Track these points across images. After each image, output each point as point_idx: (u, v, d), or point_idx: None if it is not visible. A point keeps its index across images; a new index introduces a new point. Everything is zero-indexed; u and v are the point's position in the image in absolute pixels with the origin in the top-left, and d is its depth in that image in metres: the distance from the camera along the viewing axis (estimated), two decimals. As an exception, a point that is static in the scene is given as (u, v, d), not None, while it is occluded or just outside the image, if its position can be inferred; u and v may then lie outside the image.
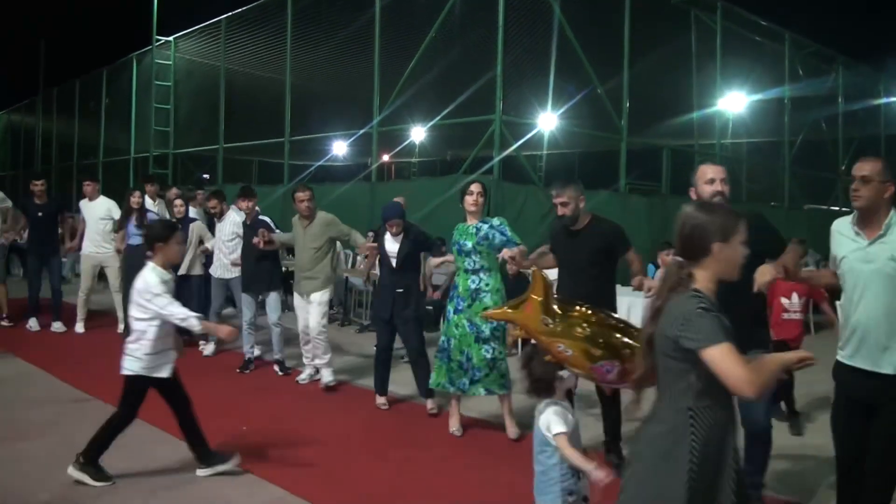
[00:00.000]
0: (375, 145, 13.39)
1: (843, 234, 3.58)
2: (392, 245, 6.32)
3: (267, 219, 7.71)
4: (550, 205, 5.68)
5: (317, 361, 7.10)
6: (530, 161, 16.35)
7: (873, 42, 22.04)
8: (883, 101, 20.42)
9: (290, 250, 8.95)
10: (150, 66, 18.88)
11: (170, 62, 18.74)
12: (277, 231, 7.61)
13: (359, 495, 4.50)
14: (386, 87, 12.91)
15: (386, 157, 24.63)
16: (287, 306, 9.58)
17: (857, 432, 3.42)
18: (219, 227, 8.18)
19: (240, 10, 15.71)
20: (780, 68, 16.74)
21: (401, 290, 6.26)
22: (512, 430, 5.58)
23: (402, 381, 6.86)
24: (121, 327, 9.13)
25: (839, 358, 3.53)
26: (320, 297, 6.96)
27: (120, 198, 9.50)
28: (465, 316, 5.51)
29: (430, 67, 13.27)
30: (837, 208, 17.85)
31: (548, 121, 16.67)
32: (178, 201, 8.79)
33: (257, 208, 7.85)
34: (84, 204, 9.57)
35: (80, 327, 9.47)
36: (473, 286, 5.52)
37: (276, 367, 7.70)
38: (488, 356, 5.45)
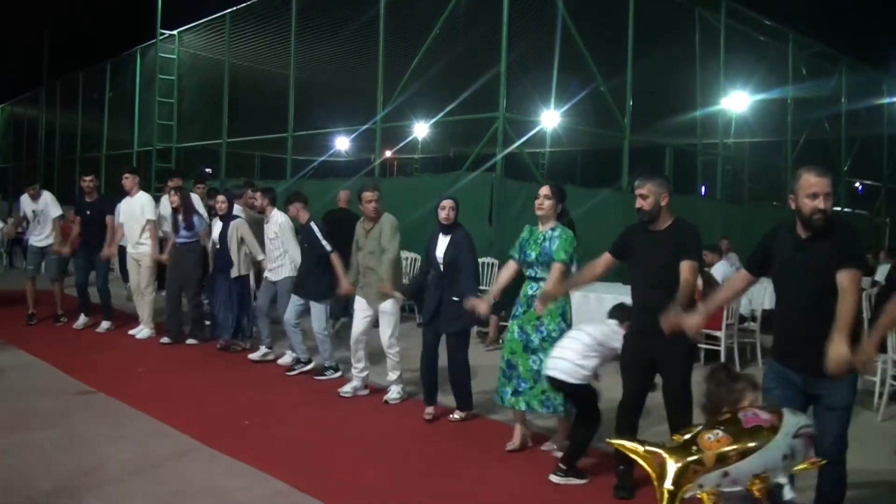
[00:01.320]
0: (378, 141, 13.41)
1: None
2: (441, 245, 5.93)
3: (314, 227, 7.26)
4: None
5: (391, 376, 6.51)
6: (533, 158, 16.34)
7: (877, 42, 22.06)
8: (886, 100, 20.40)
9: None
10: (153, 59, 18.90)
11: (174, 56, 18.76)
12: (324, 241, 7.12)
13: (359, 489, 4.52)
14: (389, 82, 12.93)
15: (389, 153, 24.62)
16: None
17: None
18: (265, 227, 7.89)
19: (244, 4, 15.72)
20: (783, 68, 16.74)
21: (456, 300, 5.74)
22: (513, 442, 5.27)
23: (410, 379, 6.83)
24: (145, 331, 8.86)
25: None
26: (392, 307, 6.39)
27: (122, 191, 9.29)
28: (518, 323, 5.17)
29: (434, 64, 13.28)
30: (839, 208, 17.85)
31: (551, 118, 16.69)
32: (221, 197, 8.35)
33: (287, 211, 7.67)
34: (126, 201, 8.97)
35: (146, 333, 8.90)
36: (531, 292, 5.15)
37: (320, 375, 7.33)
38: (535, 367, 5.05)
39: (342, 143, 25.71)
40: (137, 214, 8.74)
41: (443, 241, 5.92)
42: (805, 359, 3.50)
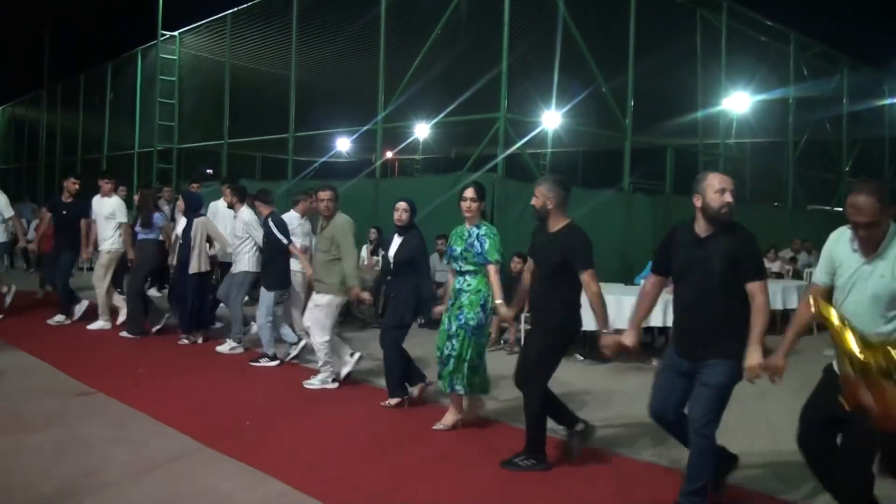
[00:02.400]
0: (380, 142, 13.41)
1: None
2: (394, 245, 6.33)
3: (284, 219, 8.03)
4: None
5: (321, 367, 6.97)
6: (534, 159, 16.34)
7: (878, 43, 22.06)
8: (887, 101, 20.40)
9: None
10: (154, 60, 18.93)
11: (175, 57, 18.78)
12: (279, 235, 7.81)
13: (359, 491, 4.50)
14: (391, 83, 12.93)
15: (390, 154, 24.64)
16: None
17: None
18: (233, 221, 8.45)
19: (245, 5, 15.73)
20: (784, 68, 16.75)
21: (393, 295, 6.38)
22: (443, 422, 5.72)
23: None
24: (99, 323, 9.31)
25: None
26: (328, 301, 6.74)
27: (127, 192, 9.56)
28: (447, 314, 5.60)
29: (435, 64, 13.28)
30: (841, 209, 17.82)
31: (552, 119, 16.69)
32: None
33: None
34: (95, 200, 9.53)
35: (121, 317, 9.44)
36: (458, 286, 5.58)
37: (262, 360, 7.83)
38: (448, 352, 5.54)
39: (343, 144, 25.72)
40: (107, 215, 9.29)
41: (396, 242, 6.30)
42: (692, 346, 4.02)
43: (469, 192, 5.58)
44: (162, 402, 6.16)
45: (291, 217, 8.39)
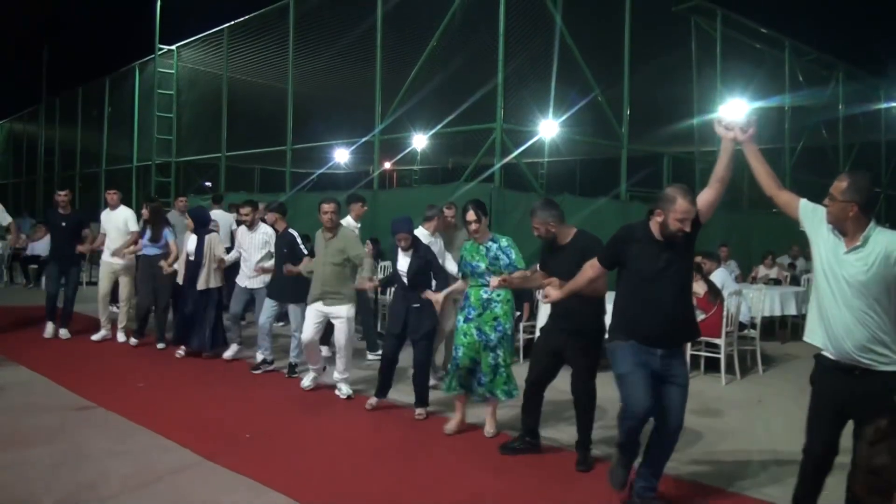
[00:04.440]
0: (377, 154, 13.44)
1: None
2: (403, 262, 6.42)
3: (294, 233, 7.87)
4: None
5: (336, 376, 7.04)
6: (532, 168, 16.38)
7: (873, 48, 22.13)
8: (883, 105, 20.46)
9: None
10: (152, 74, 18.98)
11: (172, 71, 18.83)
12: (301, 247, 7.75)
13: (361, 502, 4.51)
14: (388, 94, 12.97)
15: (388, 165, 24.65)
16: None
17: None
18: (250, 236, 8.33)
19: (242, 18, 15.79)
20: (780, 75, 16.80)
21: (417, 306, 6.36)
22: (490, 429, 5.85)
23: (408, 390, 6.85)
24: (121, 336, 9.40)
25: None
26: (347, 312, 6.85)
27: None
28: (475, 325, 5.69)
29: (432, 75, 13.32)
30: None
31: (549, 128, 16.72)
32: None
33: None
34: (105, 213, 9.57)
35: (102, 335, 9.46)
36: (485, 296, 5.69)
37: (285, 371, 7.91)
38: (493, 363, 5.66)
39: (341, 156, 25.75)
40: (121, 226, 9.32)
41: (403, 256, 6.44)
42: (676, 339, 4.32)
43: (470, 216, 5.72)
44: (161, 415, 6.17)
45: (421, 234, 7.71)
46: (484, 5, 11.32)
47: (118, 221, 9.37)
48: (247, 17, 15.71)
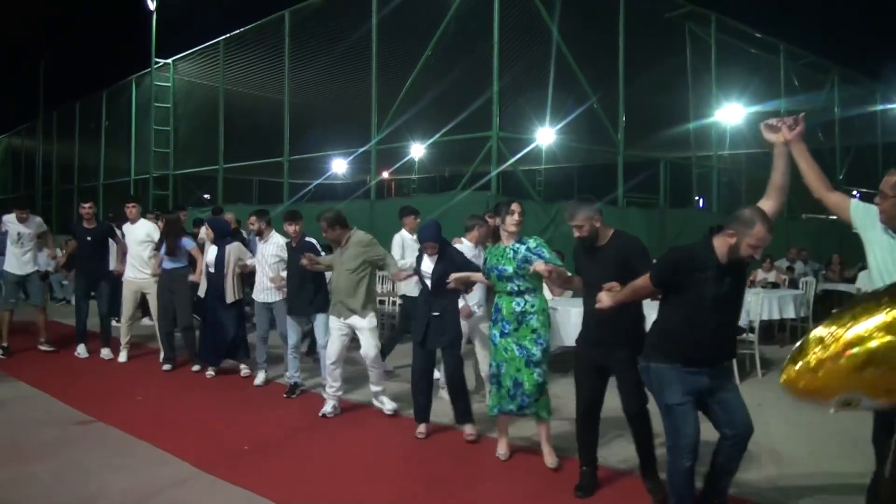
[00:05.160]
0: (374, 163, 13.47)
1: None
2: (428, 265, 6.03)
3: (313, 240, 7.47)
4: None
5: (372, 388, 6.70)
6: (529, 175, 16.40)
7: (868, 51, 22.19)
8: (879, 108, 20.50)
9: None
10: (149, 87, 19.03)
11: (169, 84, 18.87)
12: (323, 254, 7.34)
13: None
14: (384, 104, 13.00)
15: (385, 174, 24.70)
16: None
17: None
18: (261, 248, 7.89)
19: (238, 31, 15.83)
20: (775, 79, 16.84)
21: (436, 314, 5.92)
22: (550, 459, 5.27)
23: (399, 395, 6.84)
24: (123, 356, 9.01)
25: None
26: (369, 323, 6.46)
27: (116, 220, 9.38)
28: (513, 339, 5.20)
29: (428, 85, 13.36)
30: (835, 217, 17.84)
31: (546, 136, 16.76)
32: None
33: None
34: (126, 227, 9.08)
35: (123, 356, 8.98)
36: (518, 309, 5.23)
37: (323, 392, 7.16)
38: (539, 380, 5.18)
39: (339, 166, 25.79)
40: (143, 240, 8.82)
41: (429, 260, 6.04)
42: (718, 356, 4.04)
43: (518, 206, 5.34)
44: (160, 428, 6.15)
45: (466, 247, 7.24)
46: (479, 15, 11.36)
47: (139, 235, 8.89)
48: (242, 29, 15.75)
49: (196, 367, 8.48)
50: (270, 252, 7.77)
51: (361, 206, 13.05)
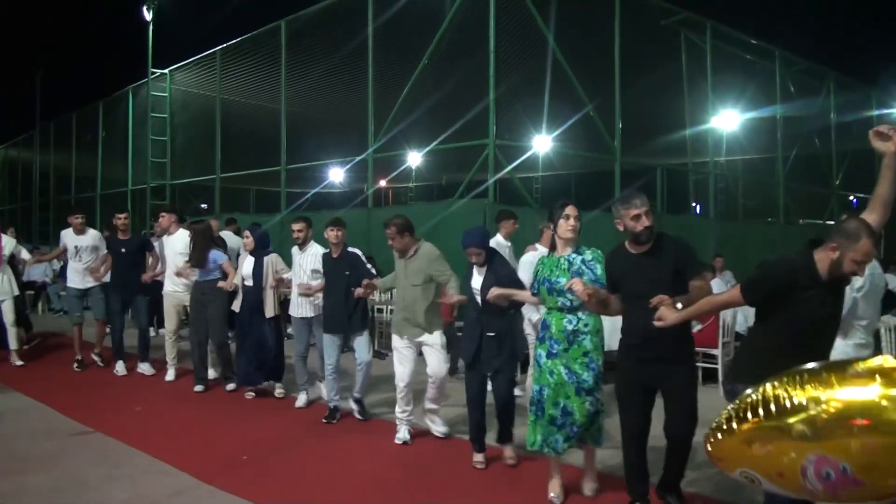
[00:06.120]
0: (371, 172, 13.46)
1: None
2: (477, 279, 5.49)
3: (357, 251, 6.98)
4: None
5: (430, 405, 6.29)
6: (526, 183, 16.42)
7: (864, 56, 22.28)
8: (875, 113, 20.53)
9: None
10: (146, 98, 19.01)
11: (165, 94, 18.88)
12: (370, 268, 7.00)
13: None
14: (381, 113, 13.01)
15: (383, 183, 24.70)
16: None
17: None
18: (298, 259, 7.36)
19: (234, 41, 15.86)
20: (771, 85, 16.87)
21: (492, 335, 5.40)
22: (590, 486, 4.86)
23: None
24: (171, 374, 8.69)
25: None
26: (438, 339, 6.02)
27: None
28: (562, 362, 4.62)
29: (425, 93, 13.37)
30: (833, 222, 17.91)
31: (542, 143, 16.79)
32: (247, 233, 7.84)
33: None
34: (165, 239, 8.72)
35: (171, 374, 8.67)
36: (570, 327, 4.64)
37: (355, 409, 6.96)
38: (592, 409, 4.64)
39: (336, 175, 25.81)
40: (182, 251, 8.35)
41: (478, 274, 5.54)
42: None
43: (574, 210, 4.77)
44: (160, 439, 6.15)
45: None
46: (474, 23, 11.38)
47: (178, 246, 8.44)
48: (238, 39, 15.77)
49: (231, 387, 8.10)
50: (309, 264, 7.25)
51: (359, 215, 13.02)
